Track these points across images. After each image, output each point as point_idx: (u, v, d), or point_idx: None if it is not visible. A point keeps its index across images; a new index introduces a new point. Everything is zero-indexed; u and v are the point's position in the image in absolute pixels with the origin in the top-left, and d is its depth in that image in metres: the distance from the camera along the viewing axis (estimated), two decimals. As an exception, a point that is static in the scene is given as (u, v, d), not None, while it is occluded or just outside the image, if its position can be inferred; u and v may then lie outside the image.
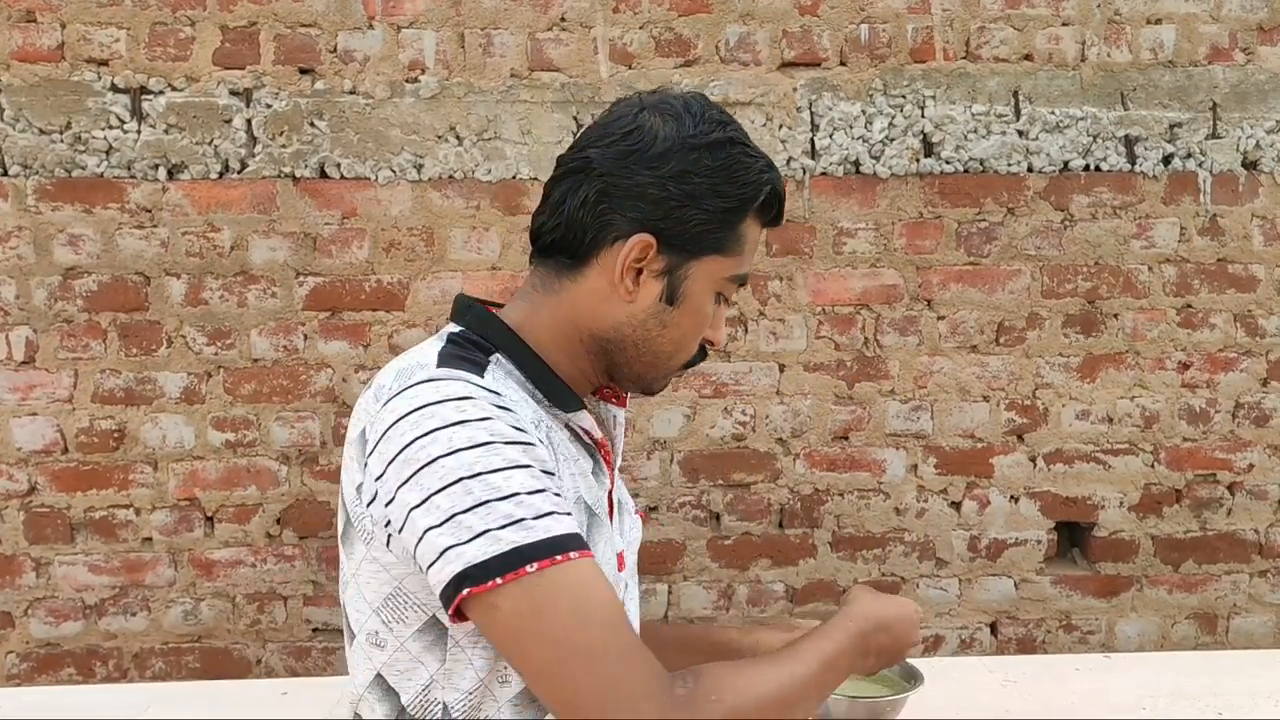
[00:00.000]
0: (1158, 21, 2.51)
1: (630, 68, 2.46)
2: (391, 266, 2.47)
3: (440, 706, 1.02)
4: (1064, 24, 2.50)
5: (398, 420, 0.97)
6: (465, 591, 0.92)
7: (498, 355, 1.07)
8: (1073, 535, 2.68)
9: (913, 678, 1.43)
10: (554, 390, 1.08)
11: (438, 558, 0.93)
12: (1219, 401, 2.60)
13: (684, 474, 2.55)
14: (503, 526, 0.92)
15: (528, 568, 0.91)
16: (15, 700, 1.56)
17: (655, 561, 2.56)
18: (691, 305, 1.09)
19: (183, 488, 2.49)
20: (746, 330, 2.53)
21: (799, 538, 2.59)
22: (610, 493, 1.13)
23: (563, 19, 2.44)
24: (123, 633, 2.51)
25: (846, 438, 2.58)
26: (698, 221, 1.06)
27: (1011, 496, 2.61)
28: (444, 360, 1.02)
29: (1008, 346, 2.57)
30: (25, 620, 2.49)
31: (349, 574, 1.05)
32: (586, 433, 1.10)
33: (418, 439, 0.95)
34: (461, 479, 0.93)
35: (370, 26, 2.42)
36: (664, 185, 1.05)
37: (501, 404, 0.99)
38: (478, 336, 1.08)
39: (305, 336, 2.48)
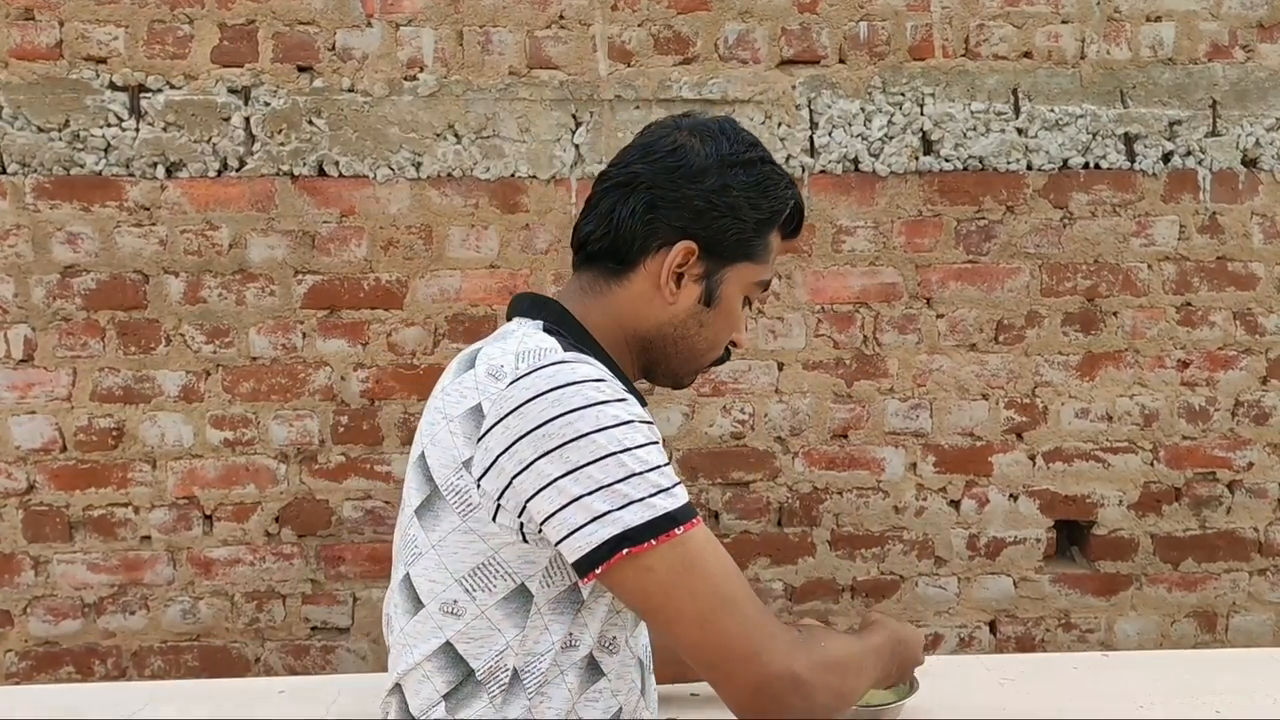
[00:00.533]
0: (1157, 19, 2.51)
1: (629, 65, 2.45)
2: (390, 265, 2.47)
3: (510, 672, 1.09)
4: (1063, 21, 2.49)
5: (534, 397, 1.05)
6: (625, 551, 1.02)
7: (583, 348, 1.15)
8: (1072, 534, 2.68)
9: (908, 683, 1.43)
10: (627, 386, 1.15)
11: (590, 520, 1.03)
12: (1218, 400, 2.60)
13: (683, 472, 2.55)
14: (654, 494, 1.04)
15: (676, 530, 1.04)
16: (8, 698, 1.56)
17: (654, 560, 2.55)
18: (725, 307, 1.23)
19: (181, 486, 2.49)
20: (745, 328, 2.52)
21: (798, 536, 2.59)
22: None
23: (561, 17, 2.44)
24: (121, 631, 2.51)
25: (845, 436, 2.57)
26: (735, 231, 1.19)
27: (1010, 495, 2.60)
28: (566, 345, 1.12)
29: (1007, 345, 2.57)
30: (24, 619, 2.49)
31: (426, 545, 1.11)
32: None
33: (562, 414, 1.04)
34: (613, 453, 1.03)
35: (369, 24, 2.42)
36: (706, 198, 1.18)
37: (622, 386, 1.10)
38: (562, 331, 1.17)
39: (304, 335, 2.47)
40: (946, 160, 2.51)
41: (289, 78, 2.42)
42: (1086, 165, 2.53)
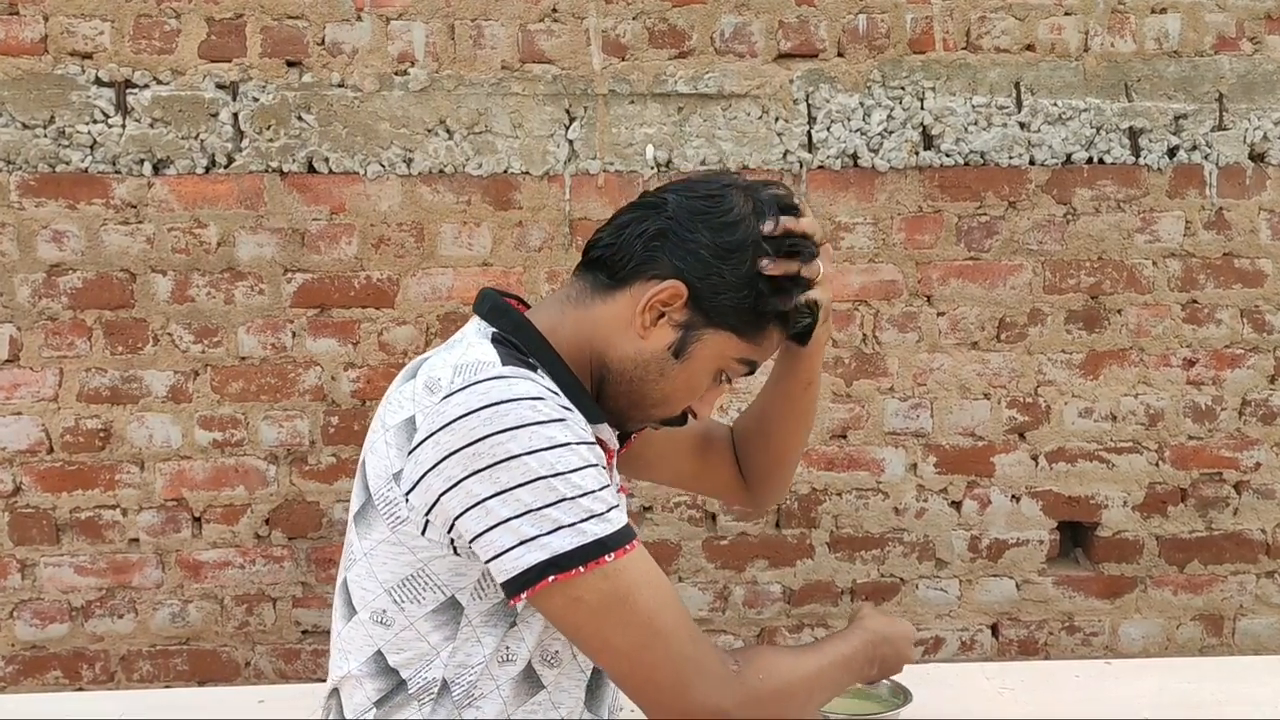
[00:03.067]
0: (1162, 10, 2.46)
1: (623, 59, 2.41)
2: (381, 263, 2.43)
3: (439, 683, 1.08)
4: (1066, 13, 2.45)
5: (467, 414, 1.02)
6: (551, 578, 1.00)
7: (533, 360, 1.11)
8: (1075, 535, 2.64)
9: (903, 693, 1.39)
10: (581, 400, 1.12)
11: (518, 544, 1.00)
12: (1225, 399, 2.55)
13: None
14: (585, 520, 1.01)
15: (606, 557, 1.01)
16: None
17: (650, 562, 2.52)
18: (693, 367, 1.16)
19: (170, 488, 2.45)
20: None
21: (796, 538, 2.54)
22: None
23: (554, 10, 2.40)
24: (110, 635, 2.47)
25: (844, 436, 2.53)
26: (730, 300, 1.13)
27: (1013, 496, 2.56)
28: (506, 359, 1.07)
29: (1009, 343, 2.52)
30: (11, 623, 2.46)
31: (360, 552, 1.10)
32: (603, 443, 1.14)
33: (494, 434, 1.01)
34: (544, 476, 1.01)
35: (358, 18, 2.38)
36: (717, 252, 1.12)
37: (564, 404, 1.07)
38: (515, 341, 1.12)
39: (294, 334, 2.44)
40: (947, 155, 2.47)
41: (278, 73, 2.38)
42: (1090, 160, 2.49)
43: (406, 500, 1.05)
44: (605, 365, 1.15)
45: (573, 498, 1.01)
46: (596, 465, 1.05)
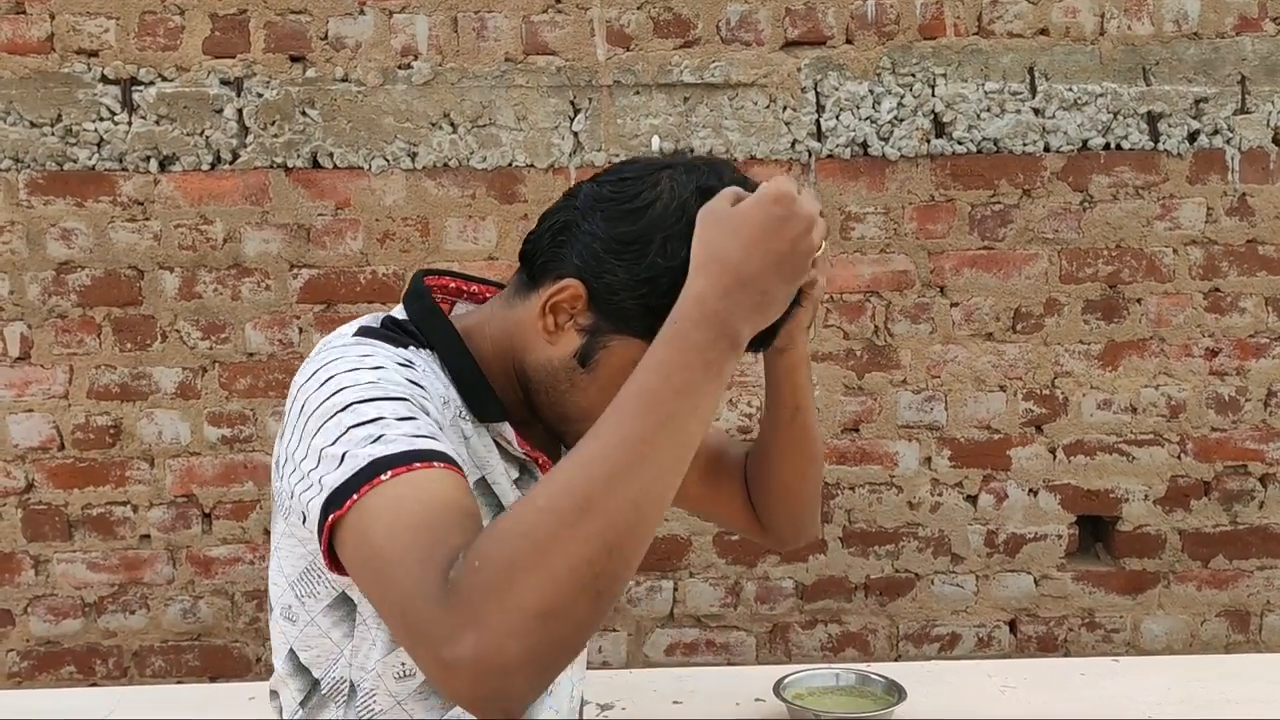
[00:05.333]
0: (1181, -9, 2.40)
1: (628, 50, 2.38)
2: (386, 257, 2.42)
3: (348, 685, 0.99)
4: (1081, -4, 2.39)
5: (301, 385, 0.94)
6: (330, 518, 0.84)
7: (427, 351, 1.01)
8: (1095, 529, 2.58)
9: (897, 692, 1.36)
10: (477, 396, 1.01)
11: (311, 494, 0.87)
12: (1249, 389, 2.48)
13: (688, 468, 2.48)
14: (364, 445, 0.85)
15: (382, 476, 0.83)
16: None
17: (661, 558, 2.49)
18: (604, 380, 0.98)
19: (179, 484, 2.46)
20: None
21: (808, 533, 2.51)
22: None
23: (557, 1, 2.37)
24: (122, 631, 2.49)
25: (857, 429, 2.49)
26: (629, 300, 0.95)
27: (1030, 489, 2.51)
28: (361, 331, 0.99)
29: (1025, 334, 2.47)
30: (25, 618, 2.48)
31: (272, 547, 1.03)
32: (510, 444, 1.03)
33: (313, 394, 0.91)
34: (334, 414, 0.88)
35: (361, 12, 2.36)
36: (609, 245, 0.95)
37: (411, 375, 0.94)
38: (414, 329, 1.03)
39: (300, 330, 2.43)
40: (959, 143, 2.42)
41: (281, 68, 2.37)
42: (1107, 146, 2.43)
43: (285, 485, 0.94)
44: (524, 371, 1.02)
45: (355, 425, 0.86)
46: (405, 400, 0.90)
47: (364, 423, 0.87)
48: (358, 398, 0.89)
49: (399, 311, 1.05)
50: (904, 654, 2.53)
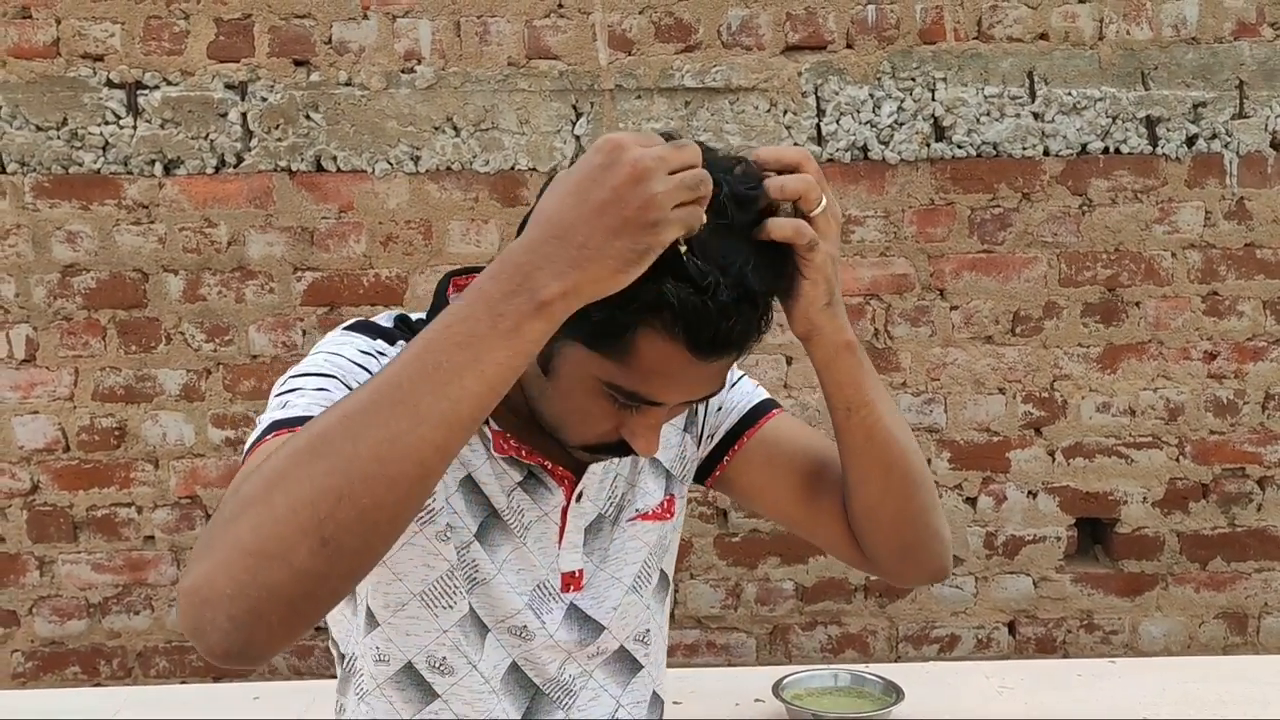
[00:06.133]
0: (1180, -4, 2.41)
1: (630, 54, 2.40)
2: (389, 260, 2.44)
3: (353, 662, 1.02)
4: (1080, 1, 2.40)
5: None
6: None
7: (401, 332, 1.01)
8: (1094, 531, 2.59)
9: (895, 692, 1.37)
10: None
11: None
12: (1247, 392, 2.49)
13: (689, 470, 2.49)
14: (273, 412, 0.88)
15: (268, 436, 0.84)
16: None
17: (661, 559, 2.51)
18: (563, 388, 0.91)
19: (184, 485, 2.47)
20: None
21: (808, 535, 2.52)
22: (565, 511, 1.04)
23: (560, 5, 2.39)
24: (126, 631, 2.50)
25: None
26: None
27: (1029, 492, 2.52)
28: (351, 326, 0.99)
29: (1024, 337, 2.48)
30: (30, 619, 2.49)
31: None
32: (489, 442, 1.00)
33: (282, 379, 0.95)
34: (278, 393, 0.91)
35: (365, 16, 2.38)
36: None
37: (366, 363, 0.93)
38: (418, 326, 1.01)
39: (303, 332, 2.45)
40: (959, 147, 2.43)
41: (285, 72, 2.39)
42: (1106, 150, 2.44)
43: None
44: (522, 380, 0.92)
45: (280, 393, 0.89)
46: (333, 377, 0.90)
47: (284, 393, 0.89)
48: (295, 372, 0.92)
49: (390, 314, 1.04)
50: (903, 655, 2.54)
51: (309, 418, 0.81)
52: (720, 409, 1.14)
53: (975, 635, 2.56)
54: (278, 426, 0.85)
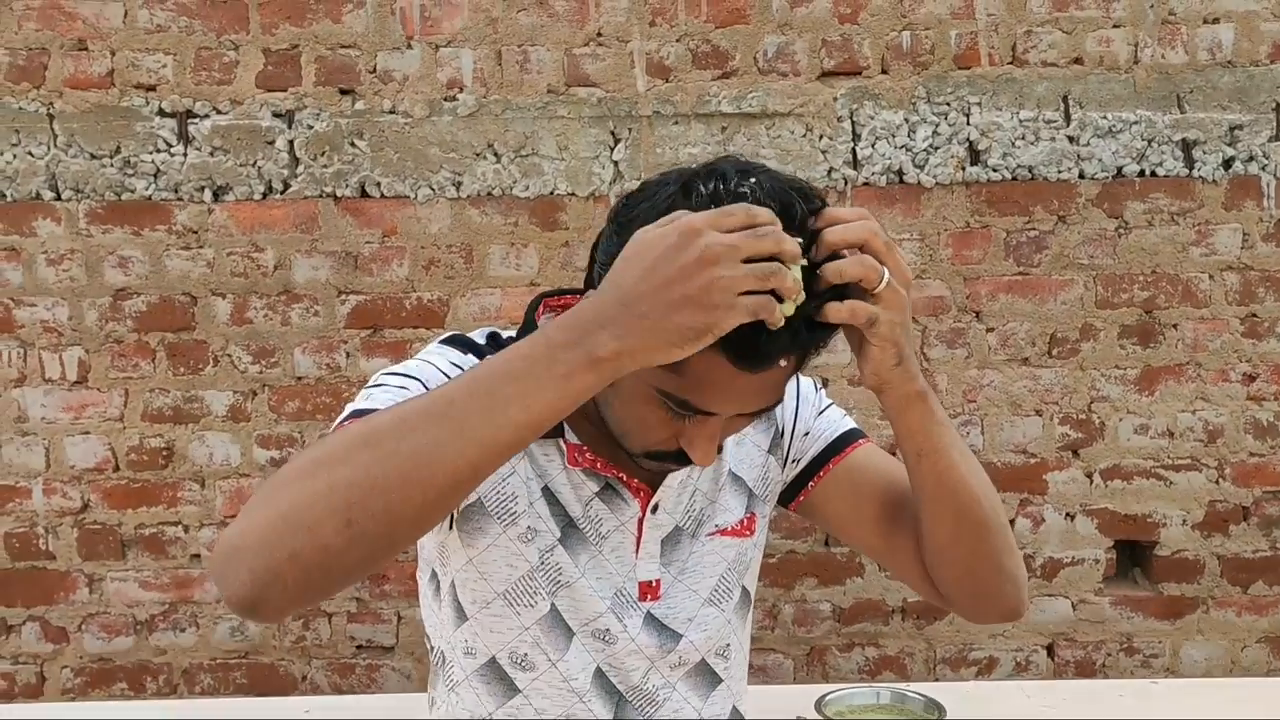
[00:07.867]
0: (1215, 21, 2.42)
1: (667, 81, 2.44)
2: (431, 284, 2.48)
3: (441, 655, 1.11)
4: (1115, 26, 2.42)
5: None
6: None
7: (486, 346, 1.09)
8: (1133, 554, 2.58)
9: (936, 709, 1.38)
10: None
11: None
12: (1287, 414, 2.48)
13: (726, 491, 2.51)
14: (357, 402, 0.97)
15: (345, 422, 0.93)
16: (20, 715, 1.58)
17: (698, 580, 2.52)
18: (625, 395, 0.95)
19: (229, 505, 2.52)
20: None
21: (845, 556, 2.53)
22: (641, 521, 1.09)
23: (599, 34, 2.43)
24: (172, 648, 2.54)
25: (894, 453, 2.51)
26: None
27: (1067, 514, 2.52)
28: (445, 340, 1.06)
29: (1061, 359, 2.49)
30: (79, 635, 2.54)
31: None
32: (562, 455, 1.06)
33: None
34: (365, 387, 1.01)
35: (409, 46, 2.43)
36: (607, 260, 0.87)
37: (451, 372, 1.00)
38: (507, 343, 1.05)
39: (347, 354, 2.49)
40: (994, 170, 2.45)
41: (331, 100, 2.44)
42: (1142, 173, 2.45)
43: None
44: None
45: (366, 388, 1.00)
46: (417, 380, 0.99)
47: (372, 387, 0.99)
48: (388, 370, 1.01)
49: (483, 331, 1.11)
50: (941, 677, 2.54)
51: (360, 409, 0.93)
52: (808, 434, 1.18)
53: (1014, 658, 2.55)
54: (355, 415, 0.93)
